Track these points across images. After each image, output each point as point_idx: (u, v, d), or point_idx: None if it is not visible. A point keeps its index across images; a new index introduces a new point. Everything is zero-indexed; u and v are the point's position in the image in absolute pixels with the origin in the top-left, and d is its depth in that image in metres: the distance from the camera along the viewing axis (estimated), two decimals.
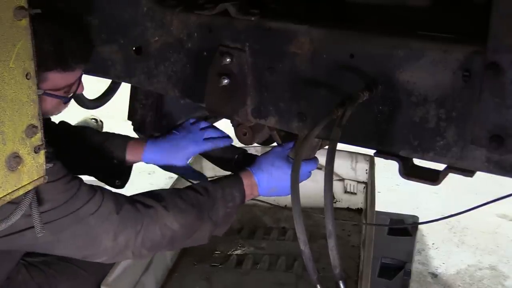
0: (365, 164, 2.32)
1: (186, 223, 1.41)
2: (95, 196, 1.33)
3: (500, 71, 0.91)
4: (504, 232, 2.82)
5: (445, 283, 2.44)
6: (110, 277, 1.63)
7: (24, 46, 0.97)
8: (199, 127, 1.78)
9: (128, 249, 1.36)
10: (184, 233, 1.42)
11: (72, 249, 1.35)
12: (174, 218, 1.39)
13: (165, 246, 1.43)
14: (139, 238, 1.36)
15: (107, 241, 1.33)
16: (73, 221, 1.29)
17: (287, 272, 2.00)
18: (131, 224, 1.35)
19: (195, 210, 1.42)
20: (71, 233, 1.30)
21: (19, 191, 1.02)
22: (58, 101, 1.43)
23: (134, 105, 1.88)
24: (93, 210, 1.31)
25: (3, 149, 0.96)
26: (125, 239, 1.34)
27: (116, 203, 1.36)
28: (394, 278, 2.20)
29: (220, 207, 1.45)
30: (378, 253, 2.20)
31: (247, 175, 1.53)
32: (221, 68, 1.32)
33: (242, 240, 2.22)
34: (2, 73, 0.94)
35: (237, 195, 1.49)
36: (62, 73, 1.37)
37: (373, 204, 2.00)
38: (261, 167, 1.53)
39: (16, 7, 0.94)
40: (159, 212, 1.38)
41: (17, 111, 0.98)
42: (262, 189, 1.53)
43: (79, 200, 1.30)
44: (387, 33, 1.10)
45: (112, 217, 1.33)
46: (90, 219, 1.30)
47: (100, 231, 1.32)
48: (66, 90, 1.43)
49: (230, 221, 1.51)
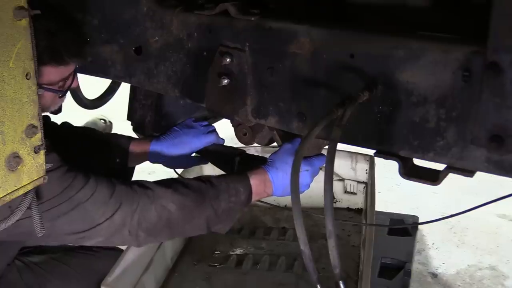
0: (365, 164, 2.32)
1: (184, 206, 1.39)
2: (89, 181, 1.32)
3: (500, 71, 0.91)
4: (504, 232, 2.82)
5: (445, 283, 2.44)
6: (110, 277, 1.63)
7: (24, 46, 0.97)
8: (200, 123, 1.80)
9: (124, 228, 1.34)
10: (181, 216, 1.40)
11: (67, 232, 1.33)
12: (171, 199, 1.38)
13: (162, 229, 1.40)
14: (135, 217, 1.34)
15: (102, 220, 1.32)
16: (69, 208, 1.28)
17: (287, 272, 1.99)
18: (127, 203, 1.34)
19: (195, 195, 1.40)
20: (66, 219, 1.29)
21: (19, 191, 1.02)
22: (53, 96, 1.43)
23: (134, 105, 1.89)
24: (88, 196, 1.31)
25: (3, 149, 0.96)
26: (121, 217, 1.33)
27: (110, 186, 1.35)
28: (394, 278, 2.20)
29: (223, 198, 1.43)
30: (378, 253, 2.20)
31: (260, 172, 1.51)
32: (221, 68, 1.32)
33: (242, 240, 2.22)
34: (2, 73, 0.94)
35: (242, 190, 1.46)
36: (56, 67, 1.37)
37: (373, 204, 1.99)
38: (275, 165, 1.51)
39: (16, 7, 0.94)
40: (156, 192, 1.37)
41: (17, 111, 0.98)
42: (276, 188, 1.51)
43: (74, 188, 1.29)
44: (387, 33, 1.10)
45: (107, 199, 1.33)
46: (85, 204, 1.30)
47: (96, 213, 1.31)
48: (61, 85, 1.43)
49: (233, 217, 1.49)
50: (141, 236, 1.38)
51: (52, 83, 1.38)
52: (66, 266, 1.70)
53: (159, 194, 1.37)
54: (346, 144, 1.20)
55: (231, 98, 1.35)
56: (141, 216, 1.35)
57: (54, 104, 1.47)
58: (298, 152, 1.01)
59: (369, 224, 1.84)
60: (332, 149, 0.99)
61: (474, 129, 0.99)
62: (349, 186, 2.38)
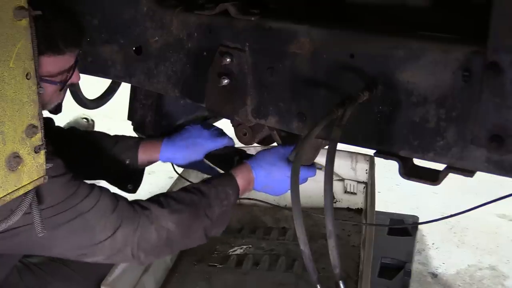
0: (365, 164, 2.32)
1: (182, 222, 1.40)
2: (93, 192, 1.33)
3: (500, 71, 0.91)
4: (504, 232, 2.82)
5: (445, 283, 2.44)
6: (110, 277, 1.63)
7: (24, 46, 0.98)
8: (212, 125, 1.82)
9: (127, 247, 1.35)
10: (180, 233, 1.41)
11: (68, 246, 1.34)
12: (169, 218, 1.39)
13: (163, 248, 1.42)
14: (136, 236, 1.35)
15: (104, 237, 1.33)
16: (71, 217, 1.29)
17: (287, 272, 1.99)
18: (128, 221, 1.35)
19: (189, 209, 1.42)
20: (68, 228, 1.29)
21: (19, 191, 1.02)
22: (53, 90, 1.40)
23: (134, 105, 1.89)
24: (91, 206, 1.31)
25: (3, 149, 0.96)
26: (123, 236, 1.34)
27: (113, 200, 1.36)
28: (394, 278, 2.20)
29: (215, 204, 1.46)
30: (378, 253, 2.20)
31: (244, 170, 1.54)
32: (221, 68, 1.32)
33: (242, 240, 2.22)
34: (2, 73, 0.94)
35: (231, 192, 1.50)
36: (53, 57, 1.35)
37: (373, 204, 1.99)
38: (261, 164, 1.55)
39: (16, 7, 0.94)
40: (154, 213, 1.38)
41: (17, 111, 0.98)
42: (257, 184, 1.56)
43: (77, 197, 1.30)
44: (387, 33, 1.10)
45: (109, 213, 1.33)
46: (87, 215, 1.30)
47: (97, 226, 1.32)
48: (61, 79, 1.41)
49: (226, 219, 1.51)
50: (141, 256, 1.39)
51: (51, 74, 1.37)
52: (66, 268, 1.70)
53: (157, 215, 1.39)
54: (346, 144, 1.20)
55: (231, 98, 1.35)
56: (141, 238, 1.37)
57: (54, 100, 1.45)
58: (298, 152, 1.01)
59: (369, 224, 1.84)
60: (332, 149, 0.99)
61: (474, 129, 0.99)
62: (349, 186, 2.39)
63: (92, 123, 3.31)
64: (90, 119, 3.31)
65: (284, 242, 2.19)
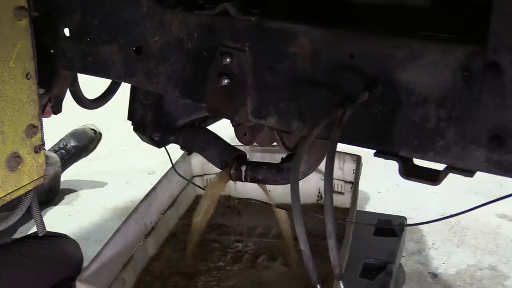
0: (353, 164, 2.31)
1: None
2: None
3: (500, 71, 0.91)
4: (504, 232, 2.81)
5: (445, 283, 2.44)
6: (85, 272, 1.57)
7: (24, 46, 0.98)
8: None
9: None
10: None
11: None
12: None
13: None
14: None
15: None
16: None
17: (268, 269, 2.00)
18: None
19: None
20: None
21: (19, 191, 1.02)
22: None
23: (134, 105, 1.89)
24: None
25: (3, 149, 0.96)
26: None
27: None
28: (375, 279, 2.17)
29: None
30: (362, 253, 2.19)
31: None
32: (221, 68, 1.32)
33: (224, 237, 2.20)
34: (2, 73, 0.94)
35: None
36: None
37: (355, 203, 1.99)
38: None
39: (16, 7, 0.94)
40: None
41: (17, 111, 0.98)
42: None
43: None
44: (387, 33, 1.10)
45: None
46: None
47: None
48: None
49: None
50: None
51: None
52: (18, 254, 1.71)
53: None
54: (346, 144, 1.21)
55: (231, 98, 1.35)
56: None
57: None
58: (298, 152, 1.01)
59: (357, 223, 1.85)
60: (332, 149, 0.99)
61: (474, 129, 0.99)
62: (336, 186, 2.38)
63: (99, 136, 3.30)
64: (99, 131, 3.29)
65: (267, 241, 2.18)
